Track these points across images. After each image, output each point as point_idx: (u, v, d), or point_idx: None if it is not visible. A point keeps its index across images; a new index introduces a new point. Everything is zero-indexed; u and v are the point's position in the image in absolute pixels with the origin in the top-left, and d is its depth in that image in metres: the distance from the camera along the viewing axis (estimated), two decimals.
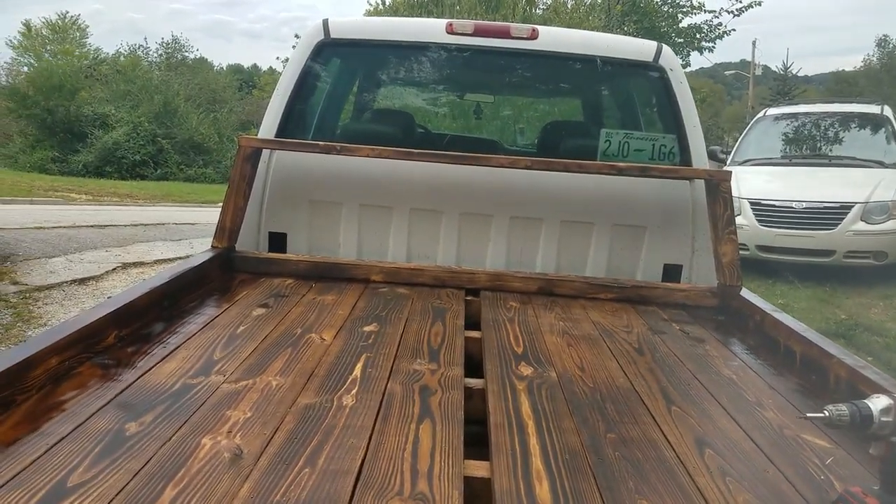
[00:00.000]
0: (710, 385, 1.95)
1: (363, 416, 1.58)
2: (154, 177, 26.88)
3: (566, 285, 2.87)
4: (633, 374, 2.00)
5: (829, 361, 1.97)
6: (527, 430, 1.57)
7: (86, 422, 1.47)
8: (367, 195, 3.15)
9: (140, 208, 15.40)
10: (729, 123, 42.66)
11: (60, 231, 9.43)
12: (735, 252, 2.80)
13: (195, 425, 1.48)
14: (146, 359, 1.85)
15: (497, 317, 2.50)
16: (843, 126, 10.17)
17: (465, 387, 1.81)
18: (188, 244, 9.53)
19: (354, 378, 1.81)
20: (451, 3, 17.23)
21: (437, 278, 2.88)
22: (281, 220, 3.14)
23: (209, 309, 2.35)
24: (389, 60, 3.53)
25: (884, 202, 8.23)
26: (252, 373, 1.80)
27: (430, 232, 3.16)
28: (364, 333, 2.19)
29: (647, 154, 3.07)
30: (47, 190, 17.77)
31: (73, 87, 29.17)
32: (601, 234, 3.13)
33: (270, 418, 1.53)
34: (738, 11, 16.09)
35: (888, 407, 1.31)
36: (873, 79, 32.04)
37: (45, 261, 7.52)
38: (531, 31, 3.15)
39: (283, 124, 3.13)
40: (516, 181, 3.09)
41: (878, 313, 7.18)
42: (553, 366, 2.03)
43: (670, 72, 3.13)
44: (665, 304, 2.80)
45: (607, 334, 2.38)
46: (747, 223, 8.51)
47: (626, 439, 1.57)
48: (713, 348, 2.31)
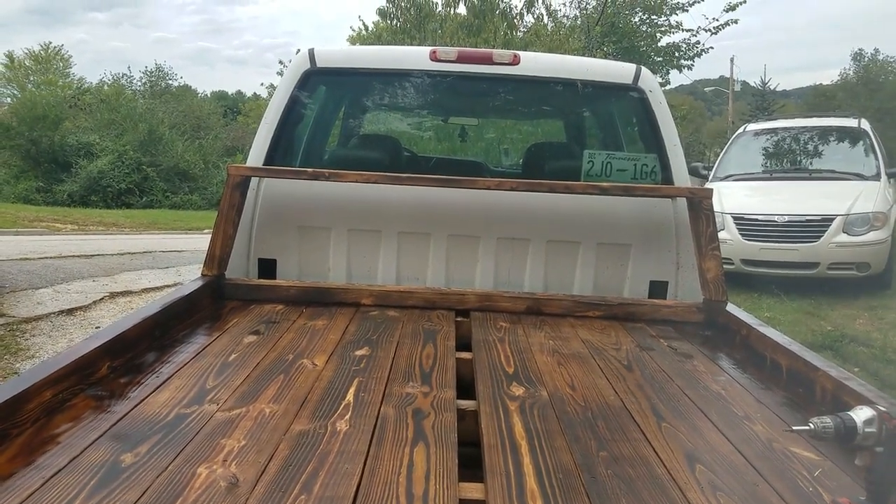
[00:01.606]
0: (698, 400, 1.98)
1: (357, 441, 1.59)
2: (140, 205, 26.80)
3: (554, 304, 2.90)
4: (623, 391, 2.03)
5: (814, 374, 2.01)
6: (520, 451, 1.59)
7: (81, 454, 1.48)
8: (355, 219, 3.18)
9: (126, 237, 15.34)
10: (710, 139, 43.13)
11: (47, 262, 9.37)
12: (719, 268, 2.84)
13: (190, 455, 1.49)
14: (139, 389, 1.86)
15: (487, 337, 2.53)
16: (822, 140, 10.34)
17: (457, 408, 1.83)
18: (175, 272, 9.50)
19: (347, 403, 1.82)
20: (434, 29, 17.40)
21: (427, 300, 2.90)
22: (270, 247, 3.16)
23: (201, 337, 2.36)
24: (375, 87, 3.59)
25: (864, 214, 8.35)
26: (245, 400, 1.81)
27: (419, 254, 3.19)
28: (356, 358, 2.21)
29: (629, 174, 3.12)
30: (32, 220, 17.66)
31: (56, 117, 29.12)
32: (587, 253, 3.17)
33: (265, 446, 1.54)
34: (715, 29, 16.35)
35: (871, 418, 1.34)
36: (850, 92, 32.56)
37: (31, 292, 7.47)
38: (513, 56, 3.21)
39: (271, 152, 3.16)
40: (503, 202, 3.13)
41: (863, 324, 7.26)
42: (544, 385, 2.05)
43: (650, 93, 3.19)
44: (652, 321, 2.83)
45: (596, 352, 2.41)
46: (731, 238, 8.61)
47: (618, 457, 1.59)
48: (701, 364, 2.34)
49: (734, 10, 16.14)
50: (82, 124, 30.39)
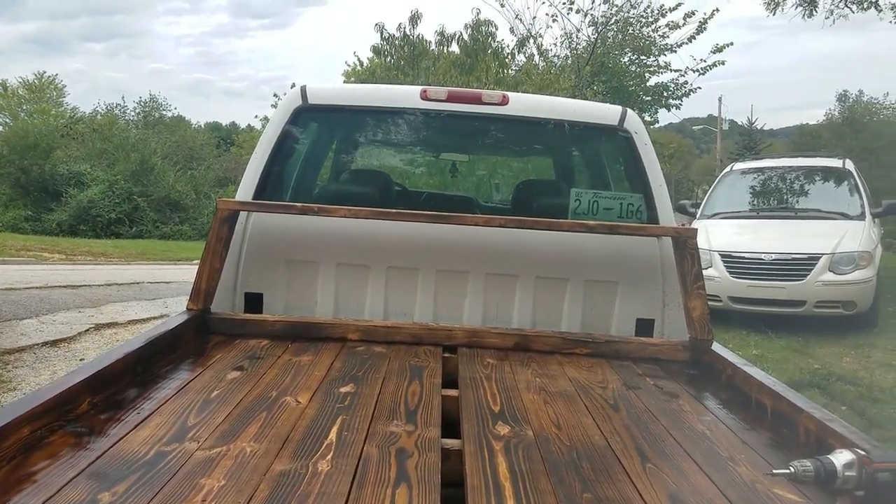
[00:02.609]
0: (683, 441, 1.98)
1: (338, 482, 1.57)
2: (129, 235, 26.71)
3: (542, 341, 2.90)
4: (608, 431, 2.02)
5: (798, 415, 2.01)
6: (504, 493, 1.57)
7: (57, 493, 1.45)
8: (343, 254, 3.18)
9: (115, 267, 15.24)
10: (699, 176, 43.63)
11: (32, 292, 9.29)
12: (704, 307, 2.86)
13: (169, 495, 1.47)
14: (119, 426, 1.84)
15: (474, 374, 2.52)
16: (808, 179, 10.48)
17: (441, 448, 1.81)
18: (163, 303, 9.44)
19: (330, 442, 1.81)
20: (426, 67, 17.61)
21: (414, 335, 2.90)
22: (257, 281, 3.16)
23: (183, 373, 2.33)
24: (366, 125, 3.62)
25: (850, 253, 8.44)
26: (226, 439, 1.79)
27: (407, 289, 3.19)
28: (340, 395, 2.19)
29: (615, 212, 3.15)
30: (19, 249, 17.54)
31: (48, 145, 29.14)
32: (575, 290, 3.18)
33: (244, 486, 1.53)
34: (703, 70, 16.63)
35: (851, 462, 1.34)
36: (836, 132, 33.12)
37: (15, 323, 7.39)
38: (502, 97, 3.26)
39: (260, 186, 3.17)
40: (491, 238, 3.15)
41: (850, 362, 7.28)
42: (530, 424, 2.04)
43: (635, 134, 3.24)
44: (638, 359, 2.84)
45: (583, 390, 2.40)
46: (719, 275, 8.67)
47: (602, 499, 1.58)
48: (686, 403, 2.34)
49: (721, 51, 16.45)
50: (74, 153, 30.42)
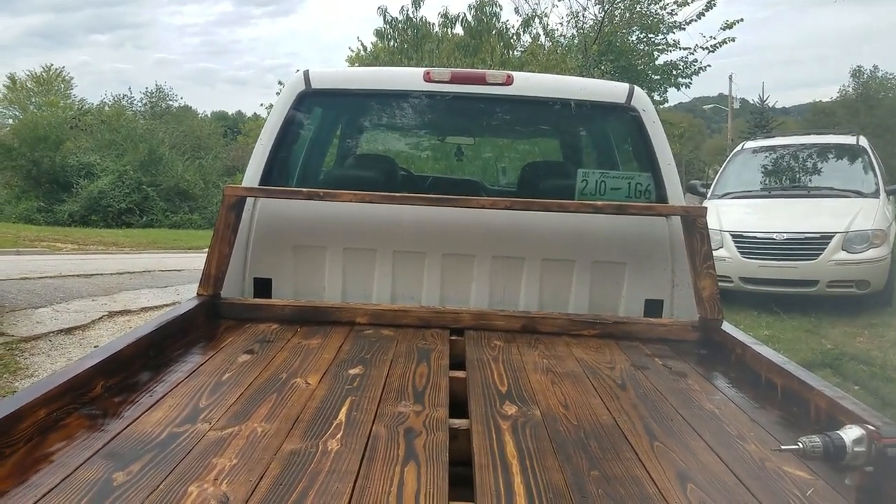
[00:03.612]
0: (692, 420, 1.98)
1: (348, 460, 1.59)
2: (140, 224, 26.86)
3: (549, 323, 2.90)
4: (616, 410, 2.03)
5: (809, 393, 2.01)
6: (511, 470, 1.59)
7: (73, 473, 1.48)
8: (350, 239, 3.19)
9: (126, 256, 15.35)
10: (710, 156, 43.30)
11: (46, 281, 9.37)
12: (714, 286, 2.85)
13: (182, 474, 1.49)
14: (133, 408, 1.86)
15: (482, 356, 2.53)
16: (821, 157, 10.35)
17: (449, 427, 1.83)
18: (174, 291, 9.50)
19: (339, 422, 1.82)
20: (430, 49, 17.49)
21: (421, 319, 2.91)
22: (266, 266, 3.17)
23: (195, 356, 2.36)
24: (370, 108, 3.61)
25: (864, 231, 8.35)
26: (238, 419, 1.81)
27: (414, 273, 3.20)
28: (349, 377, 2.21)
29: (623, 192, 3.14)
30: (33, 240, 17.68)
31: (57, 137, 29.27)
32: (582, 272, 3.18)
33: (256, 465, 1.55)
34: (713, 48, 16.44)
35: (860, 437, 1.34)
36: (850, 108, 32.63)
37: (31, 311, 7.47)
38: (506, 77, 3.24)
39: (266, 172, 3.18)
40: (498, 221, 3.14)
41: (863, 342, 7.24)
42: (537, 404, 2.05)
43: (643, 112, 3.21)
44: (647, 340, 2.83)
45: (591, 371, 2.41)
46: (730, 255, 8.61)
47: (610, 476, 1.59)
48: (695, 382, 2.34)
49: (731, 27, 16.25)
50: (83, 145, 30.52)
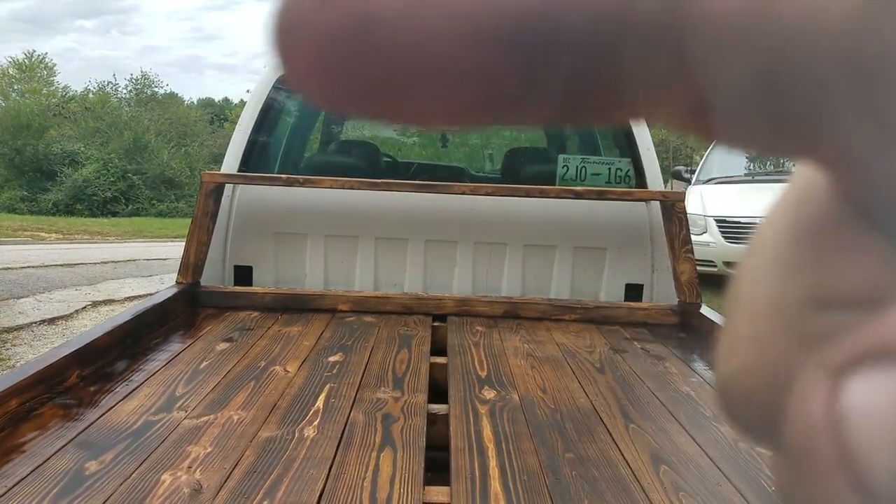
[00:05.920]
0: (668, 402, 2.00)
1: (324, 446, 1.59)
2: (125, 213, 26.62)
3: (531, 308, 2.91)
4: (593, 393, 2.04)
5: None
6: (487, 454, 1.60)
7: (45, 462, 1.47)
8: (332, 225, 3.18)
9: (111, 245, 15.22)
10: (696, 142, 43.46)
11: (29, 271, 9.30)
12: (693, 270, 2.86)
13: (155, 462, 1.49)
14: (108, 397, 1.85)
15: (463, 342, 2.53)
16: None
17: (428, 413, 1.83)
18: (159, 280, 9.44)
19: (317, 409, 1.82)
20: None
21: (404, 305, 2.91)
22: (246, 254, 3.16)
23: (173, 345, 2.35)
24: None
25: None
26: (214, 407, 1.81)
27: (397, 260, 3.20)
28: (329, 364, 2.21)
29: (603, 178, 3.15)
30: (16, 230, 17.49)
31: (41, 125, 28.91)
32: (564, 257, 3.19)
33: (231, 452, 1.54)
34: None
35: None
36: None
37: (13, 301, 7.41)
38: None
39: (245, 158, 3.16)
40: (480, 207, 3.15)
41: None
42: (516, 388, 2.06)
43: None
44: (627, 324, 2.85)
45: (570, 355, 2.42)
46: (714, 240, 8.66)
47: (584, 458, 1.60)
48: (673, 365, 2.36)
49: None
50: (67, 133, 30.19)
